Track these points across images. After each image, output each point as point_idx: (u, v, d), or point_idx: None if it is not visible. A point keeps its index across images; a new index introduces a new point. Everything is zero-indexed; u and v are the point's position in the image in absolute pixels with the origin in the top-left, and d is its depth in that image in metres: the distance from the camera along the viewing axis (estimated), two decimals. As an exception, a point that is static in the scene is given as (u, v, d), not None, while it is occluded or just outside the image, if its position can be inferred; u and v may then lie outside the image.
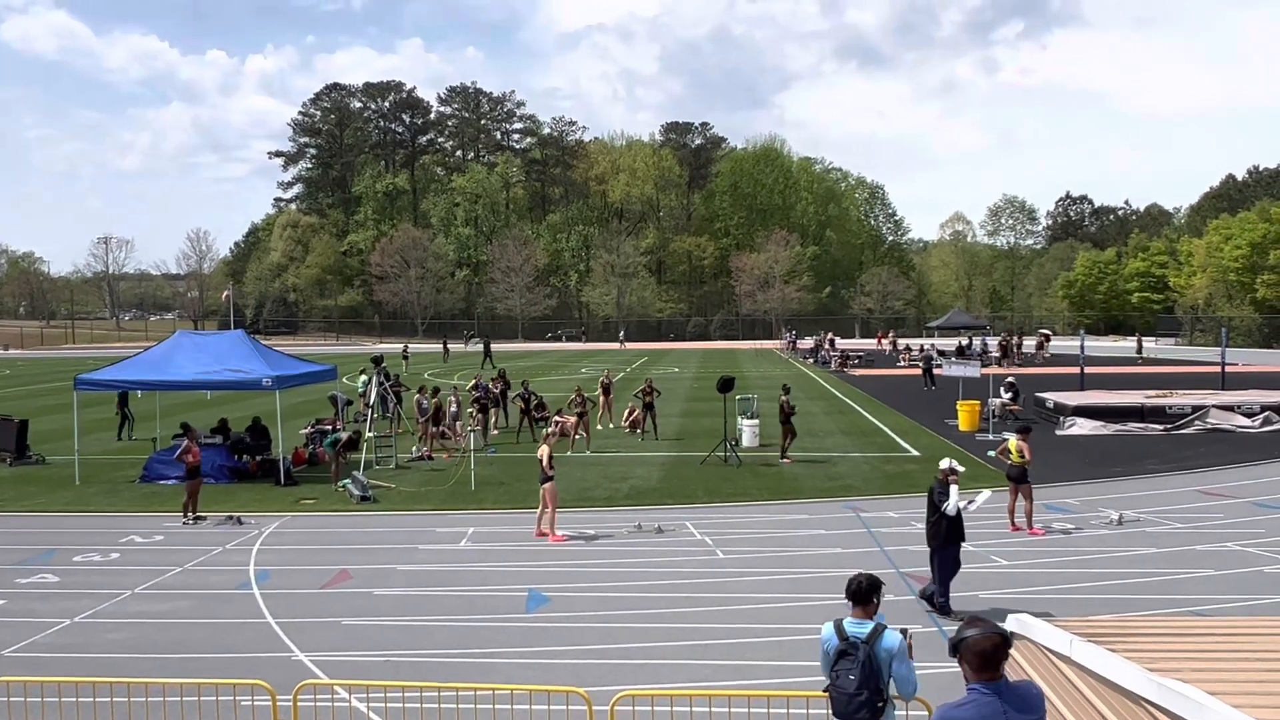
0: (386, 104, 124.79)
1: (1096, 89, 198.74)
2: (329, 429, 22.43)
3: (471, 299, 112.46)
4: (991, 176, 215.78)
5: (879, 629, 5.95)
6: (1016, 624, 7.25)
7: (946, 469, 11.66)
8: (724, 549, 14.31)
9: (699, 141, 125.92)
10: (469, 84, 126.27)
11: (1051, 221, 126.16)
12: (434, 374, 48.04)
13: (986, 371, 30.52)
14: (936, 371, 37.90)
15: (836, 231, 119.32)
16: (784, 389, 23.23)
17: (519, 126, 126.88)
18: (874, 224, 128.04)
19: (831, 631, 6.04)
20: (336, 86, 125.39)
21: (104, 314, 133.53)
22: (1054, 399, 28.02)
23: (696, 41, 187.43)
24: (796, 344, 70.87)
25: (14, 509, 17.87)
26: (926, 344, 60.34)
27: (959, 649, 4.48)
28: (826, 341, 64.59)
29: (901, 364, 52.73)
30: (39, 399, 37.52)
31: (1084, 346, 36.65)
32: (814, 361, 58.43)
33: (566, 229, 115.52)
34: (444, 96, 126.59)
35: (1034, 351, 57.28)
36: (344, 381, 26.67)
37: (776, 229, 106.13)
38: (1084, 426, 25.45)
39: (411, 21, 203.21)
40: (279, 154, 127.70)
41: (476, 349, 65.04)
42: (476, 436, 22.22)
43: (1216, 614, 10.62)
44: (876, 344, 74.59)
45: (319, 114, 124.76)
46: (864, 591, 6.08)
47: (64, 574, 13.42)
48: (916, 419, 29.13)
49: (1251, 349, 66.04)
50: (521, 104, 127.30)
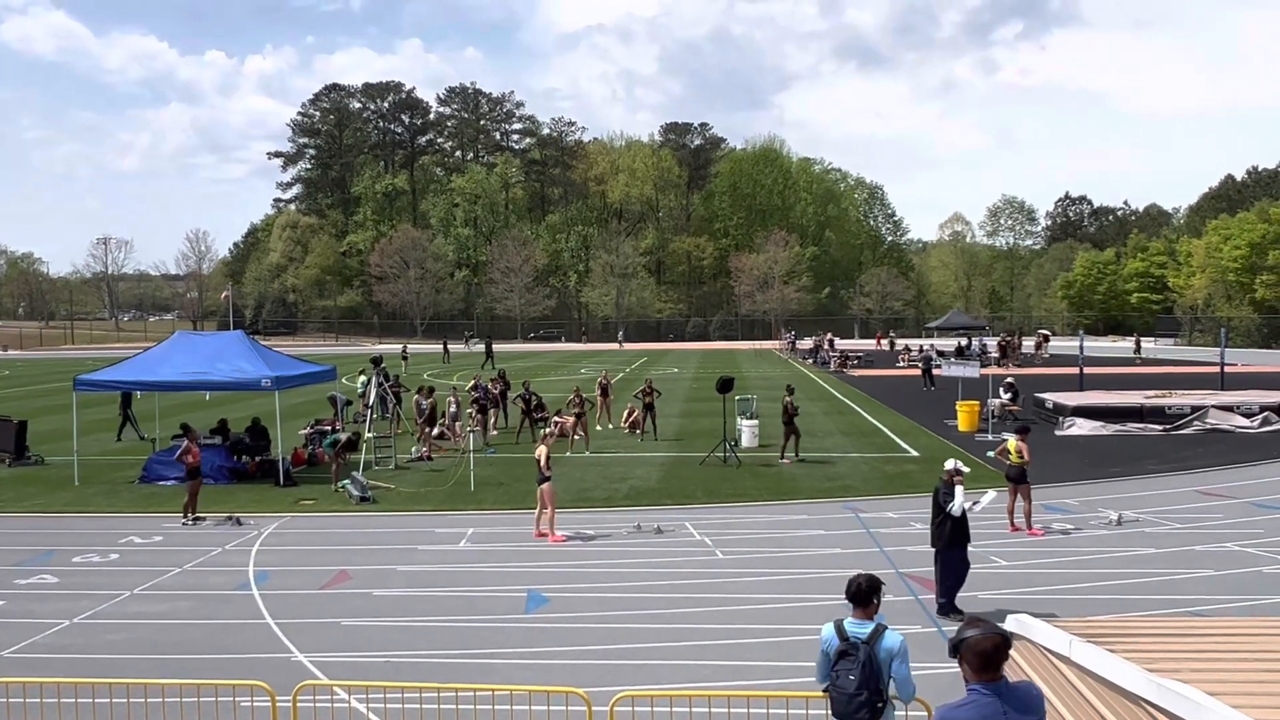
0: (386, 104, 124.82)
1: (1096, 89, 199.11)
2: (328, 430, 22.43)
3: (471, 299, 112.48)
4: (991, 177, 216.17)
5: (880, 629, 5.97)
6: (1016, 624, 7.25)
7: (951, 470, 11.65)
8: (723, 549, 14.31)
9: (698, 142, 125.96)
10: (468, 84, 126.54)
11: (1051, 222, 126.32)
12: (433, 375, 48.03)
13: (986, 372, 30.52)
14: (936, 372, 37.90)
15: (836, 232, 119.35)
16: (788, 389, 23.22)
17: (518, 127, 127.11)
18: (873, 224, 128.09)
19: (832, 632, 6.04)
20: (336, 87, 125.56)
21: (103, 315, 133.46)
22: (1053, 399, 28.03)
23: (696, 42, 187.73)
24: (796, 344, 70.89)
25: (13, 510, 17.86)
26: (925, 344, 60.34)
27: (959, 649, 4.48)
28: (826, 342, 64.64)
29: (901, 364, 52.75)
30: (38, 399, 37.50)
31: (1083, 347, 36.67)
32: (813, 362, 58.44)
33: (566, 229, 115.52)
34: (443, 97, 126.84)
35: (1033, 352, 57.35)
36: (343, 382, 26.66)
37: (776, 229, 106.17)
38: (1083, 427, 25.45)
39: (411, 22, 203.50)
40: (278, 154, 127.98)
41: (477, 350, 65.05)
42: (476, 437, 22.21)
43: (1216, 614, 10.63)
44: (875, 344, 74.64)
45: (318, 114, 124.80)
46: (864, 592, 6.08)
47: (63, 575, 13.41)
48: (916, 419, 29.14)
49: (1250, 349, 66.09)
50: (521, 104, 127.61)
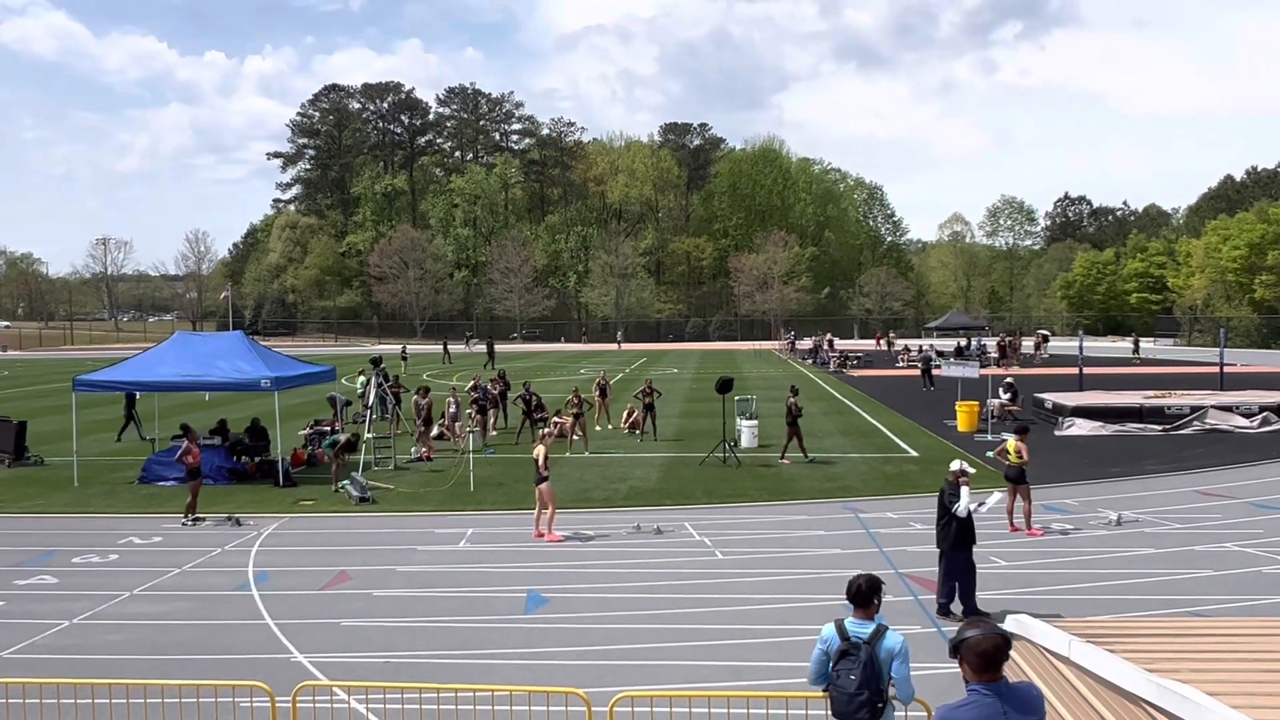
0: (385, 105, 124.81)
1: (1095, 90, 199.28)
2: (328, 430, 22.43)
3: (470, 300, 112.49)
4: (990, 177, 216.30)
5: (881, 630, 5.98)
6: (1015, 625, 7.25)
7: (957, 471, 11.61)
8: (723, 550, 14.30)
9: (698, 142, 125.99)
10: (468, 85, 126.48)
11: (1050, 222, 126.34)
12: (432, 375, 48.04)
13: (985, 372, 30.53)
14: (935, 372, 37.91)
15: (835, 232, 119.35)
16: (792, 390, 23.21)
17: (518, 127, 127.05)
18: (873, 225, 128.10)
19: (833, 631, 6.05)
20: (335, 87, 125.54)
21: (102, 315, 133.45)
22: (1053, 399, 28.03)
23: (695, 42, 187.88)
24: (795, 345, 70.93)
25: (12, 510, 17.85)
26: (925, 345, 60.37)
27: (959, 650, 4.48)
28: (825, 342, 64.66)
29: (900, 364, 52.78)
30: (37, 400, 37.49)
31: (1082, 347, 36.69)
32: (813, 362, 58.46)
33: (565, 230, 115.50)
34: (443, 97, 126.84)
35: (1033, 352, 57.38)
36: (343, 382, 26.65)
37: (775, 230, 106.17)
38: (1083, 427, 25.46)
39: (410, 22, 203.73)
40: (277, 155, 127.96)
41: (478, 350, 65.04)
42: (475, 438, 22.21)
43: (1215, 614, 10.63)
44: (875, 345, 74.65)
45: (317, 115, 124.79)
46: (864, 593, 6.10)
47: (63, 575, 13.40)
48: (915, 419, 29.14)
49: (1250, 349, 66.10)
50: (520, 105, 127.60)
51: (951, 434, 25.90)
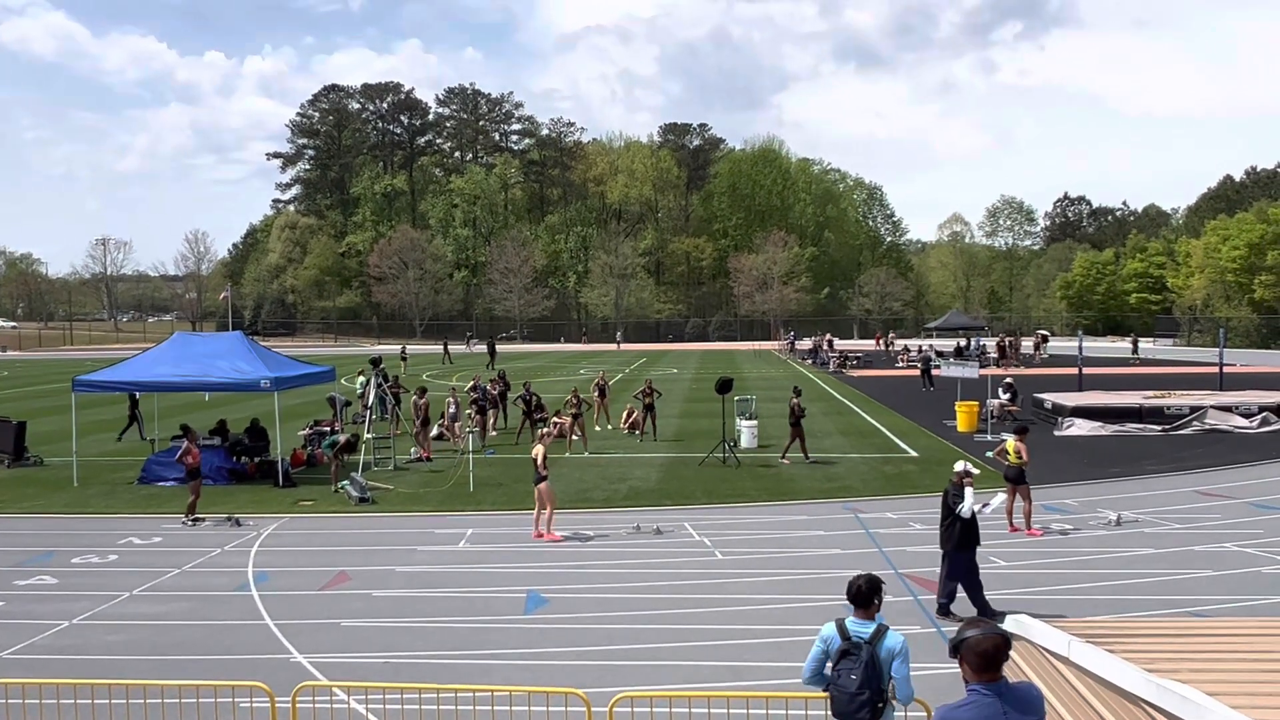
0: (385, 105, 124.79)
1: (1095, 90, 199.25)
2: (327, 430, 22.42)
3: (470, 300, 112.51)
4: (990, 177, 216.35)
5: (882, 629, 6.00)
6: (1015, 625, 7.25)
7: (961, 471, 11.57)
8: (722, 550, 14.31)
9: (697, 142, 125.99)
10: (467, 85, 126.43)
11: (1050, 222, 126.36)
12: (432, 375, 48.04)
13: (985, 372, 30.54)
14: (935, 372, 37.93)
15: (835, 232, 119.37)
16: (795, 391, 23.20)
17: (517, 128, 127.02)
18: (872, 225, 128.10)
19: (834, 630, 6.06)
20: (335, 88, 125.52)
21: (102, 315, 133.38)
22: (1052, 400, 28.04)
23: (695, 42, 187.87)
24: (795, 345, 70.94)
25: (12, 510, 17.84)
26: (925, 345, 60.39)
27: (959, 650, 4.48)
28: (825, 342, 64.69)
29: (900, 365, 52.80)
30: (37, 400, 37.48)
31: (1082, 347, 36.70)
32: (813, 362, 58.48)
33: (565, 230, 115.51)
34: (442, 98, 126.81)
35: (1032, 352, 57.39)
36: (342, 383, 26.64)
37: (775, 230, 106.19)
38: (1082, 427, 25.46)
39: (410, 22, 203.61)
40: (277, 155, 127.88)
41: (479, 350, 65.00)
42: (474, 438, 22.20)
43: (1215, 614, 10.64)
44: (875, 345, 74.65)
45: (317, 115, 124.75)
46: (864, 594, 6.11)
47: (62, 576, 13.40)
48: (915, 420, 29.15)
49: (1249, 349, 66.13)
50: (520, 105, 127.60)
51: (951, 434, 25.91)
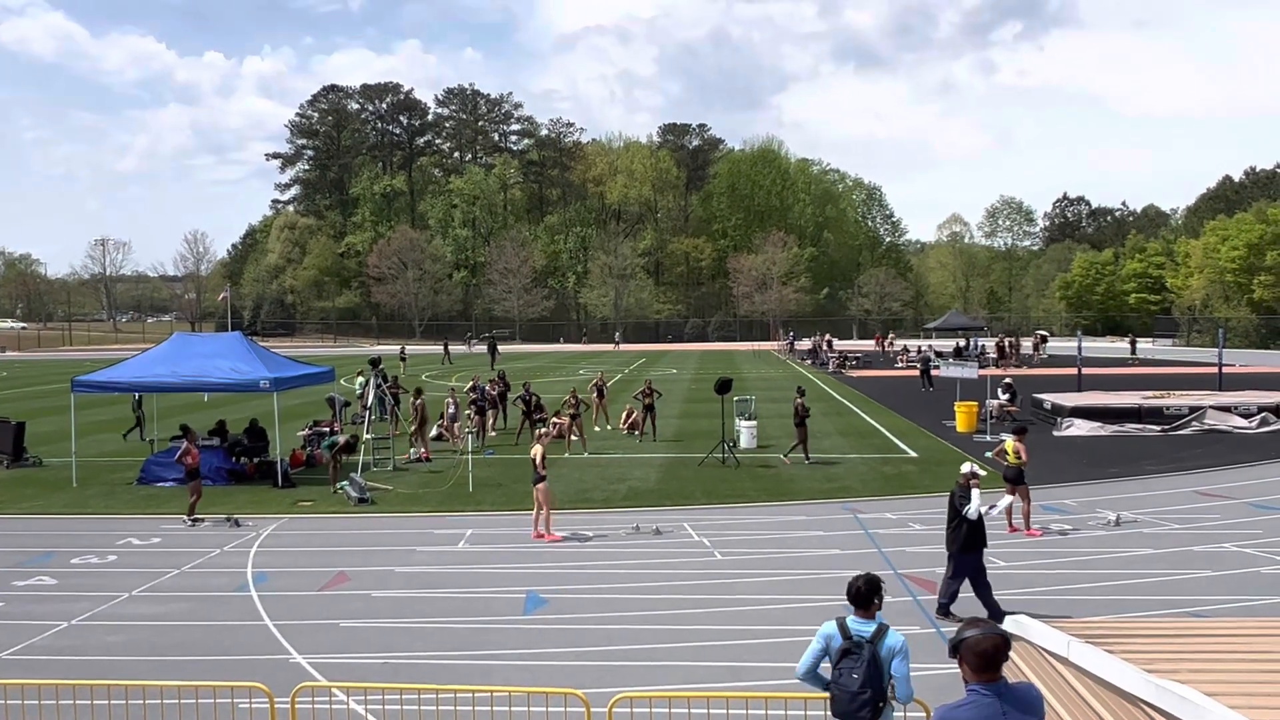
0: (384, 105, 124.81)
1: (1094, 90, 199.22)
2: (327, 431, 22.42)
3: (469, 301, 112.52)
4: (989, 177, 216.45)
5: (883, 629, 6.01)
6: (1014, 625, 7.25)
7: (968, 473, 11.53)
8: (722, 550, 14.31)
9: (696, 143, 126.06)
10: (466, 85, 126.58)
11: (1049, 222, 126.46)
12: (431, 376, 48.04)
13: (984, 373, 30.55)
14: (934, 373, 37.94)
15: (834, 233, 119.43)
16: (799, 390, 23.21)
17: (516, 128, 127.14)
18: (871, 225, 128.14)
19: (835, 629, 6.06)
20: (334, 88, 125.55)
21: (101, 316, 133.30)
22: (1051, 400, 28.05)
23: (694, 43, 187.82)
24: (794, 345, 70.95)
25: (11, 511, 17.83)
26: (924, 345, 60.42)
27: (959, 649, 4.48)
28: (824, 343, 64.70)
29: (899, 365, 52.82)
30: (36, 401, 37.47)
31: (1081, 347, 36.71)
32: (812, 363, 58.50)
33: (564, 230, 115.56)
34: (441, 98, 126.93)
35: (1031, 352, 57.41)
36: (341, 383, 26.64)
37: (774, 230, 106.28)
38: (1081, 427, 25.47)
39: (409, 23, 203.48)
40: (276, 156, 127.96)
41: (479, 351, 64.97)
42: (473, 438, 22.19)
43: (1214, 615, 10.64)
44: (875, 346, 74.64)
45: (316, 116, 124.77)
46: (864, 594, 6.11)
47: (61, 576, 13.39)
48: (914, 420, 29.16)
49: (1248, 350, 66.18)
50: (519, 105, 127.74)
51: (950, 435, 25.91)
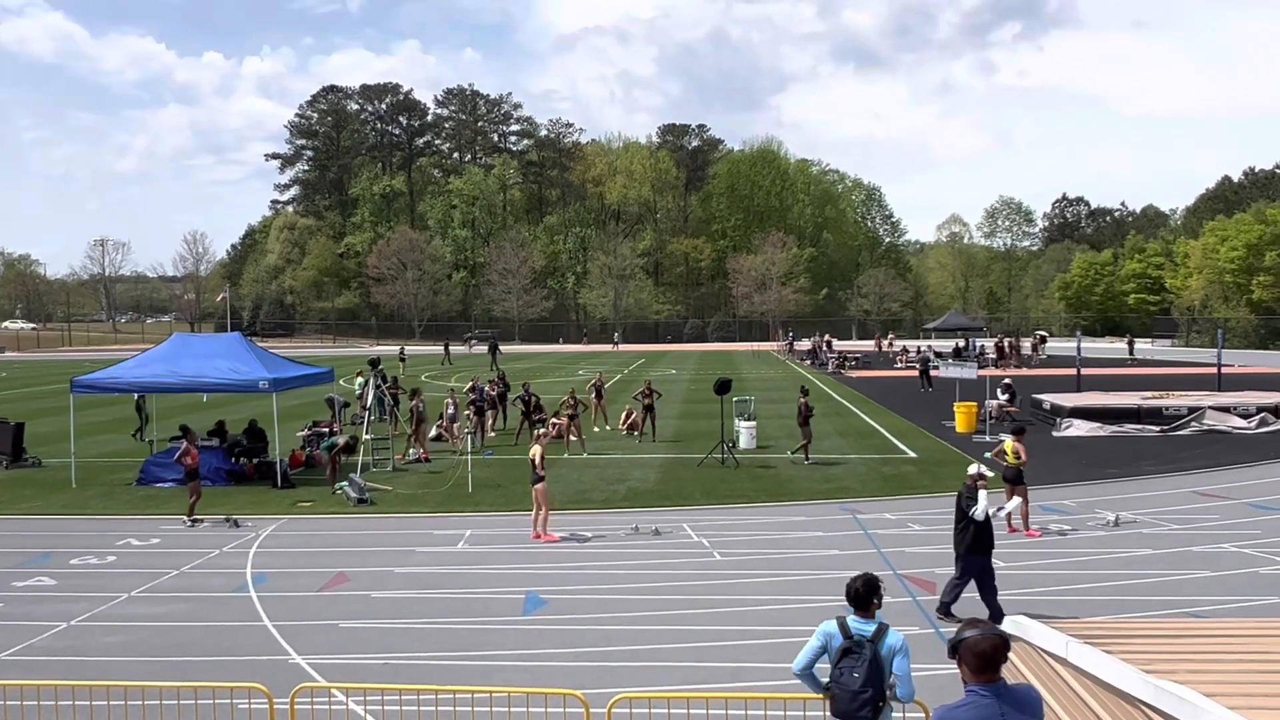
0: (383, 106, 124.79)
1: (1093, 91, 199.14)
2: (326, 431, 22.40)
3: (469, 301, 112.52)
4: (988, 178, 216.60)
5: (883, 628, 6.03)
6: (1013, 626, 7.26)
7: (975, 474, 11.45)
8: (721, 551, 14.31)
9: (696, 143, 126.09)
10: (466, 86, 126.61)
11: (1048, 223, 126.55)
12: (431, 376, 48.03)
13: (983, 373, 30.56)
14: (933, 373, 37.95)
15: (833, 233, 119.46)
16: (802, 390, 23.23)
17: (516, 128, 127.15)
18: (871, 225, 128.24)
19: (835, 628, 6.07)
20: (333, 89, 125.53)
21: (100, 316, 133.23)
22: (1051, 400, 28.06)
23: (694, 43, 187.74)
24: (794, 346, 70.96)
25: (10, 512, 17.82)
26: (923, 345, 60.45)
27: (958, 650, 4.48)
28: (824, 343, 64.71)
29: (899, 365, 52.83)
30: (35, 401, 37.45)
31: (1080, 348, 36.72)
32: (811, 363, 58.51)
33: (563, 231, 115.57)
34: (441, 99, 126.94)
35: (1030, 353, 57.43)
36: (340, 384, 26.63)
37: (773, 231, 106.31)
38: (1081, 428, 25.48)
39: (408, 23, 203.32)
40: (276, 156, 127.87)
41: (479, 352, 64.95)
42: (473, 439, 22.18)
43: (1213, 615, 10.65)
44: (875, 347, 74.64)
45: (316, 116, 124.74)
46: (862, 595, 6.12)
47: (60, 577, 13.39)
48: (913, 420, 29.16)
49: (1247, 350, 66.20)
50: (519, 106, 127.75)
51: (950, 435, 25.92)
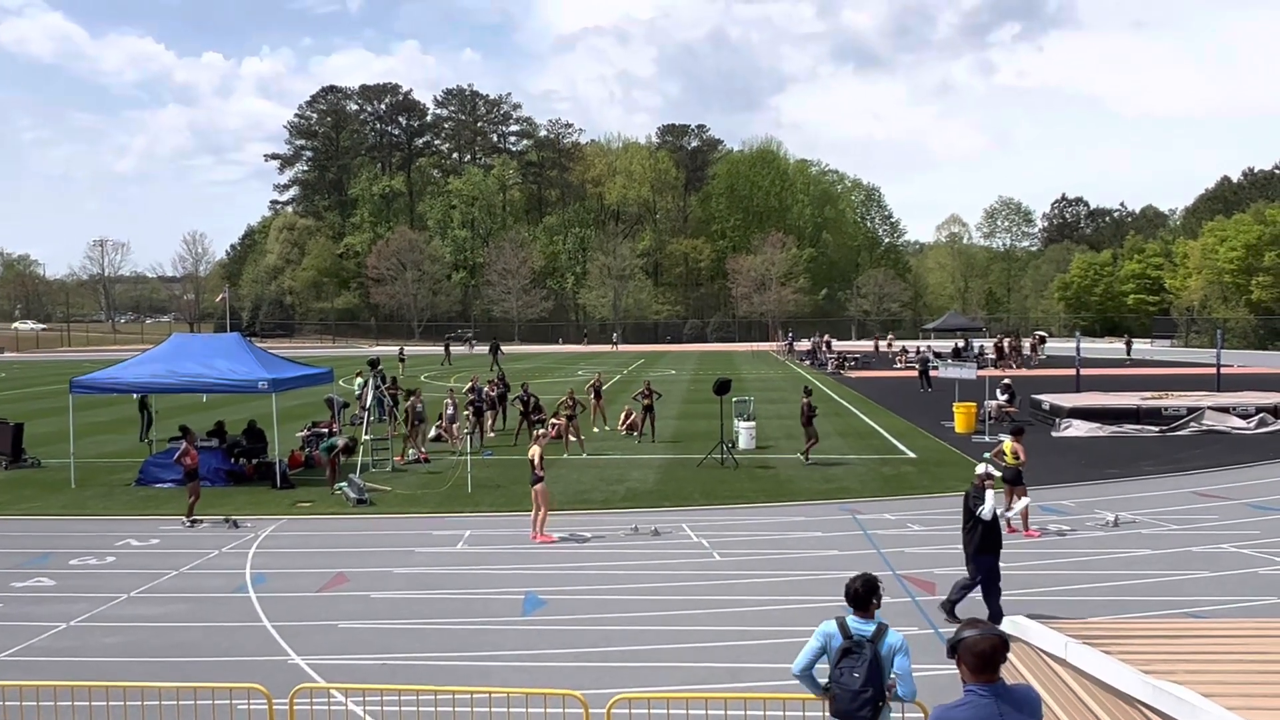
0: (383, 106, 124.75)
1: (1093, 91, 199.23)
2: (325, 432, 22.40)
3: (468, 301, 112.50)
4: (988, 178, 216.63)
5: (883, 628, 6.03)
6: (1012, 626, 7.26)
7: (982, 474, 11.42)
8: (720, 551, 14.31)
9: (695, 144, 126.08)
10: (465, 86, 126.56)
11: (1047, 223, 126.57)
12: (430, 377, 48.03)
13: (983, 373, 30.57)
14: (933, 373, 37.95)
15: (833, 233, 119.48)
16: (805, 391, 23.22)
17: (515, 129, 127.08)
18: (870, 226, 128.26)
19: (835, 628, 6.07)
20: (333, 89, 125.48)
21: (100, 317, 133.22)
22: (1050, 401, 28.07)
23: (693, 44, 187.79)
24: (793, 346, 70.96)
25: (10, 512, 17.82)
26: (923, 346, 60.44)
27: (957, 650, 4.48)
28: (823, 343, 64.72)
29: (898, 365, 52.85)
30: (34, 402, 37.44)
31: (1080, 348, 36.73)
32: (811, 363, 58.51)
33: (563, 231, 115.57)
34: (440, 99, 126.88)
35: (1029, 353, 57.44)
36: (340, 384, 26.63)
37: (773, 231, 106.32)
38: (1080, 428, 25.48)
39: (408, 24, 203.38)
40: (275, 156, 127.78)
41: (479, 352, 64.93)
42: (472, 439, 22.18)
43: (1212, 616, 10.65)
44: (875, 348, 74.63)
45: (315, 116, 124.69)
46: (862, 595, 6.13)
47: (60, 577, 13.39)
48: (913, 421, 29.17)
49: (1247, 350, 66.23)
50: (518, 106, 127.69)
51: (949, 435, 25.92)
